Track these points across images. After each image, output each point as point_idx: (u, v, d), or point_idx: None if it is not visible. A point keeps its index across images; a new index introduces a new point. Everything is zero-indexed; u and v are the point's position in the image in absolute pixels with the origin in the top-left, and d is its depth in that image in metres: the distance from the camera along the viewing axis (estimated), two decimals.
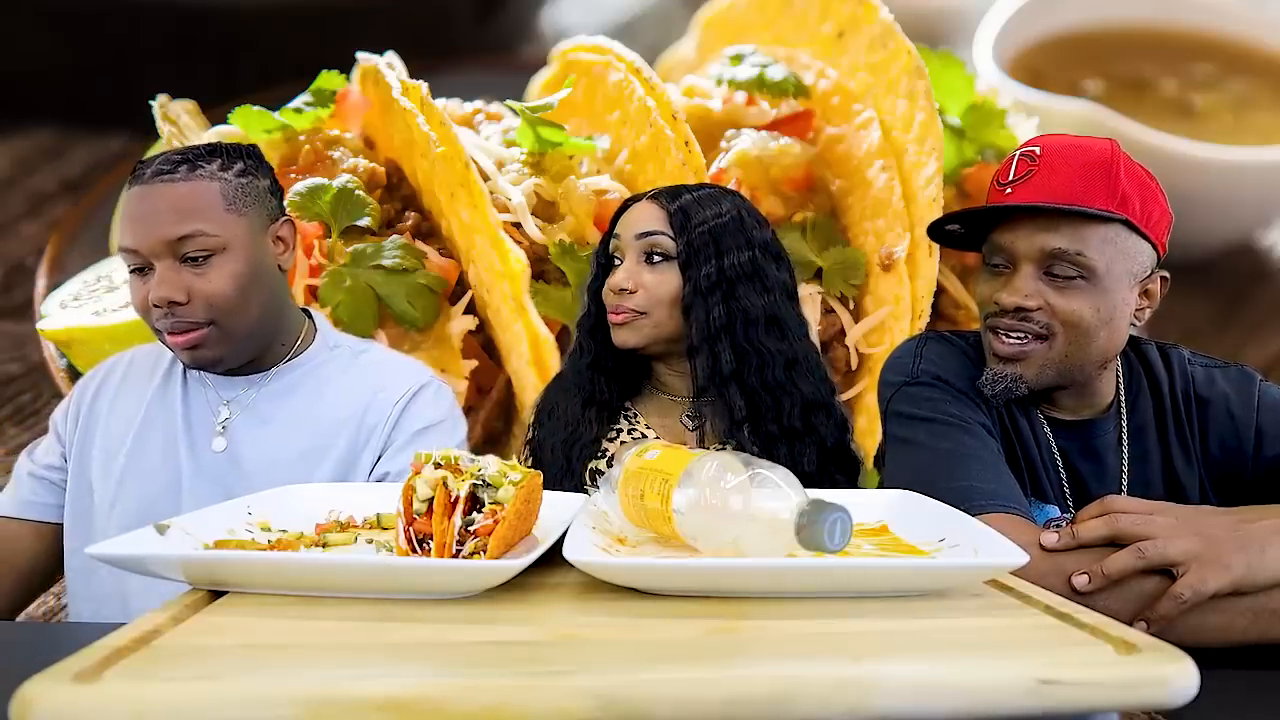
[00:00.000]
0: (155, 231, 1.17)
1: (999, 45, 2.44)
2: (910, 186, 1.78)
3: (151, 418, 1.26)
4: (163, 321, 1.18)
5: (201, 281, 1.18)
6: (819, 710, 0.58)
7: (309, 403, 1.26)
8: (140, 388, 1.30)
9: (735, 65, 1.96)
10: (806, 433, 1.29)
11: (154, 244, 1.17)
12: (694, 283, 1.28)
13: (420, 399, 1.27)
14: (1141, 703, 0.61)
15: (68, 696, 0.55)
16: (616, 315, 1.30)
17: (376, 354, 1.37)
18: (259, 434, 1.24)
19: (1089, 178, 1.10)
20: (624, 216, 1.34)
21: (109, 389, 1.31)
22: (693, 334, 1.28)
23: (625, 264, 1.31)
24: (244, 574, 0.77)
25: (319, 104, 1.82)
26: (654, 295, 1.29)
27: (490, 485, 0.82)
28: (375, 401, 1.26)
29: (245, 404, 1.26)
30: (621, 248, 1.32)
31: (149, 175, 1.19)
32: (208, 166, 1.21)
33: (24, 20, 2.55)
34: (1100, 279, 1.10)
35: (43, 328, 1.81)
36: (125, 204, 1.21)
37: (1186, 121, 2.43)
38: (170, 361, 1.30)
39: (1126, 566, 0.94)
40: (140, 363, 1.33)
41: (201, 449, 1.24)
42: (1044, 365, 1.13)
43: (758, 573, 0.77)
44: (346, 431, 1.24)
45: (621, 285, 1.29)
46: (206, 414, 1.26)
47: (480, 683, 0.59)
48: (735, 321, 1.27)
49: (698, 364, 1.29)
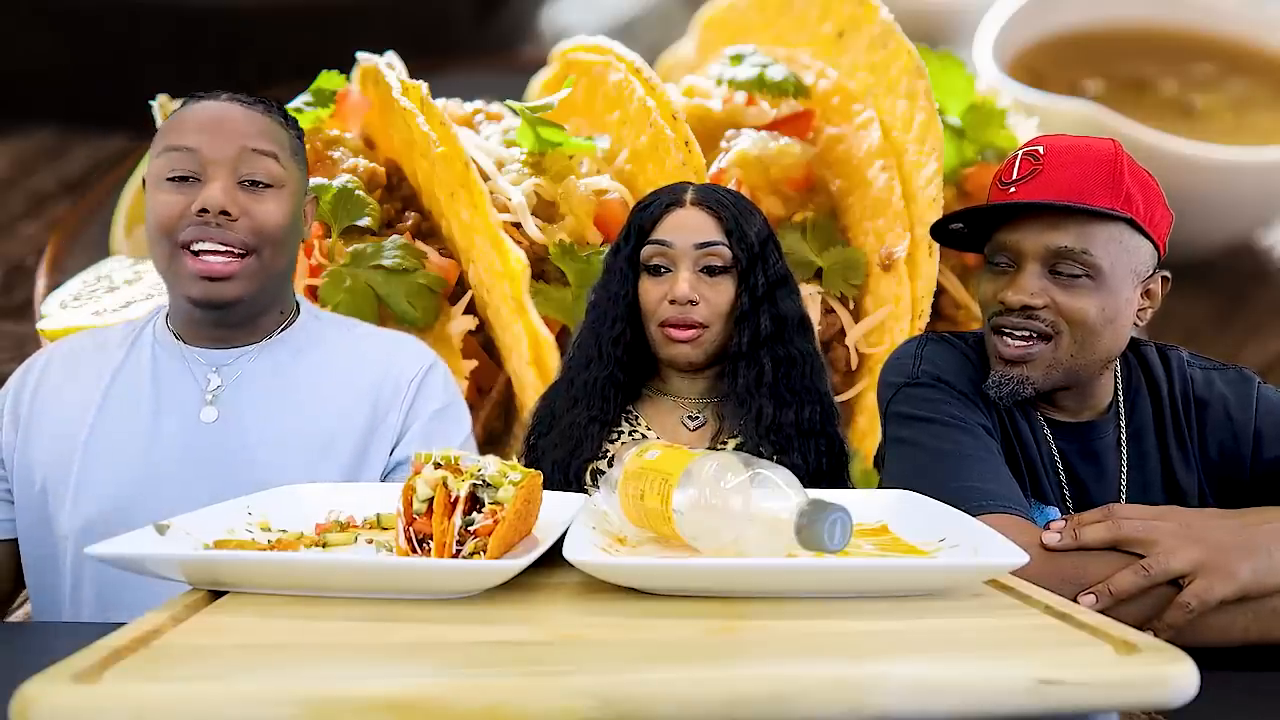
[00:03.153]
0: (228, 139, 1.13)
1: (999, 45, 2.45)
2: (910, 186, 1.78)
3: (117, 396, 1.18)
4: (200, 233, 1.11)
5: (257, 205, 1.14)
6: (819, 710, 0.58)
7: (314, 373, 1.22)
8: (91, 369, 1.21)
9: (735, 65, 1.96)
10: (820, 433, 1.30)
11: (223, 150, 1.12)
12: (750, 293, 1.27)
13: (432, 378, 1.26)
14: (1141, 703, 0.61)
15: (68, 696, 0.55)
16: (682, 331, 1.27)
17: (368, 328, 1.34)
18: (261, 404, 1.18)
19: (1093, 177, 1.10)
20: (670, 222, 1.30)
21: (50, 380, 1.22)
22: (742, 343, 1.28)
23: (684, 274, 1.27)
24: (244, 574, 0.77)
25: (319, 104, 1.82)
26: (714, 307, 1.27)
27: (490, 485, 0.82)
28: (388, 377, 1.23)
29: (239, 372, 1.20)
30: (674, 257, 1.28)
31: (222, 96, 1.17)
32: (277, 115, 1.20)
33: (24, 20, 2.55)
34: (1105, 278, 1.10)
35: (43, 328, 1.81)
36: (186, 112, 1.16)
37: (1186, 121, 2.43)
38: (128, 337, 1.23)
39: (1133, 586, 0.93)
40: (81, 348, 1.25)
41: (187, 421, 1.16)
42: (1050, 366, 1.13)
43: (758, 573, 0.77)
44: (363, 408, 1.21)
45: (689, 296, 1.26)
46: (188, 384, 1.19)
47: (480, 683, 0.58)
48: (778, 329, 1.28)
49: (739, 371, 1.28)
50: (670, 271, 1.28)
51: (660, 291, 1.28)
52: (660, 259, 1.29)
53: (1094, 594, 0.94)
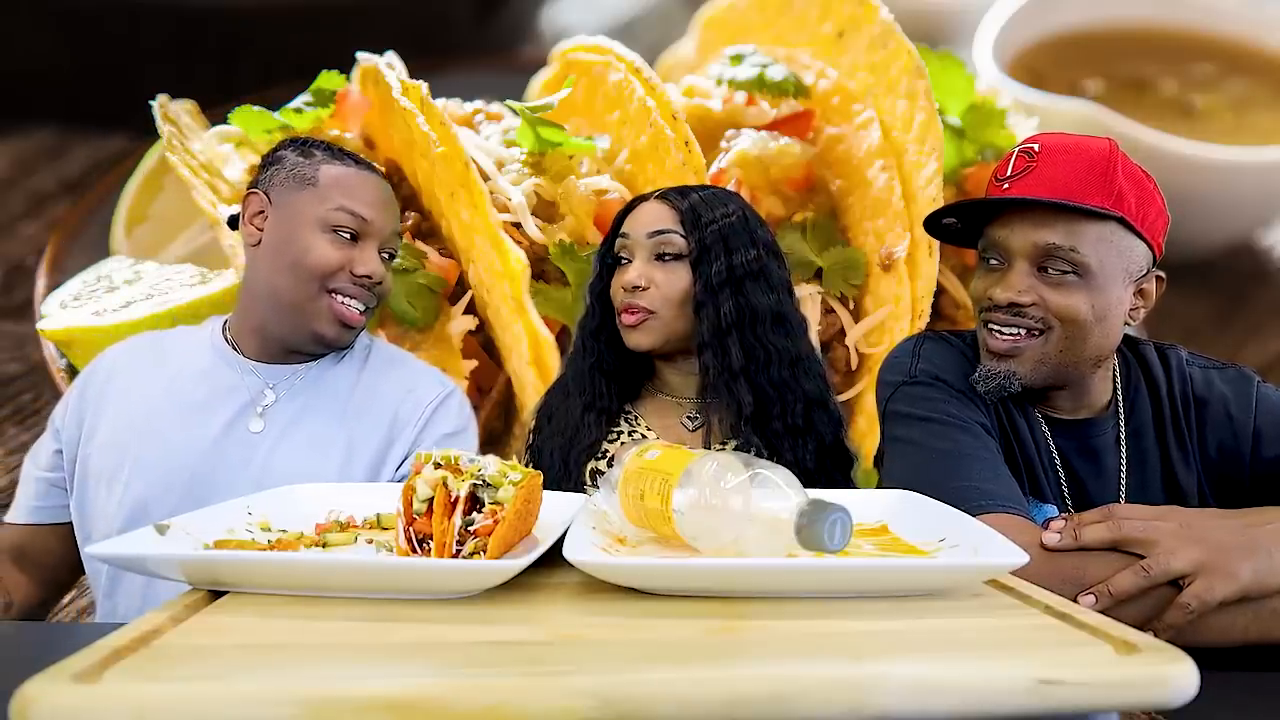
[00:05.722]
0: (389, 220, 1.33)
1: (999, 45, 2.44)
2: (910, 186, 1.78)
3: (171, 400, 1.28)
4: (355, 291, 1.29)
5: (388, 275, 1.34)
6: (819, 710, 0.58)
7: (346, 396, 1.31)
8: (149, 371, 1.32)
9: (735, 65, 1.96)
10: (807, 430, 1.30)
11: (383, 227, 1.31)
12: (705, 280, 1.28)
13: (448, 405, 1.34)
14: (1141, 703, 0.61)
15: (68, 696, 0.55)
16: (629, 316, 1.30)
17: (405, 357, 1.44)
18: (300, 421, 1.28)
19: (1085, 175, 1.10)
20: (632, 216, 1.35)
21: (115, 380, 1.32)
22: (704, 331, 1.29)
23: (636, 262, 1.31)
24: (244, 574, 0.77)
25: (319, 104, 1.82)
26: (665, 293, 1.29)
27: (490, 485, 0.82)
28: (407, 401, 1.32)
29: (289, 389, 1.30)
30: (630, 246, 1.32)
31: (378, 172, 1.36)
32: None
33: (24, 20, 2.55)
34: (1094, 276, 1.10)
35: (43, 328, 1.81)
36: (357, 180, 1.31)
37: (1186, 121, 2.43)
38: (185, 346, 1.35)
39: (1133, 587, 0.93)
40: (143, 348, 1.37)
41: (239, 430, 1.26)
42: (1038, 361, 1.13)
43: (758, 573, 0.77)
44: (380, 428, 1.29)
45: (634, 283, 1.29)
46: (243, 395, 1.28)
47: (480, 683, 0.59)
48: (745, 318, 1.28)
49: (707, 360, 1.29)
50: (630, 261, 1.32)
51: (619, 281, 1.33)
52: (623, 250, 1.34)
53: (1094, 594, 0.94)
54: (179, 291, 1.77)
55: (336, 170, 1.31)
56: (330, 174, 1.31)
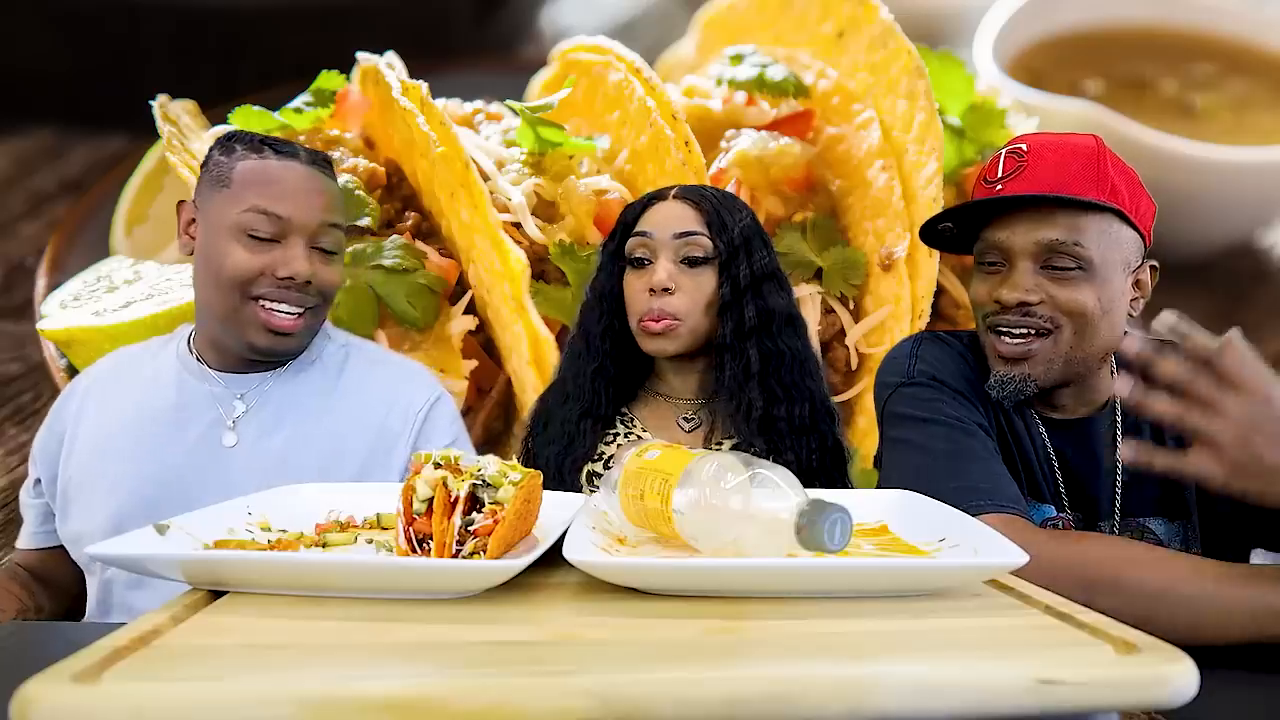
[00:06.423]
0: (312, 212, 1.22)
1: (999, 45, 2.44)
2: (910, 186, 1.78)
3: (141, 416, 1.26)
4: (279, 295, 1.21)
5: (325, 269, 1.24)
6: (819, 710, 0.58)
7: (322, 402, 1.28)
8: (130, 386, 1.30)
9: (735, 65, 1.96)
10: (813, 429, 1.30)
11: (306, 221, 1.22)
12: (733, 283, 1.27)
13: (438, 411, 1.31)
14: (1141, 703, 0.61)
15: (68, 696, 0.55)
16: (656, 322, 1.27)
17: (384, 355, 1.40)
18: (274, 432, 1.25)
19: (1078, 170, 1.10)
20: (651, 214, 1.32)
21: (90, 398, 1.30)
22: (726, 333, 1.28)
23: (662, 263, 1.28)
24: (244, 574, 0.77)
25: (319, 104, 1.82)
26: (693, 298, 1.28)
27: (490, 485, 0.82)
28: (395, 407, 1.28)
29: (259, 399, 1.26)
30: (653, 246, 1.29)
31: (303, 158, 1.25)
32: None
33: (24, 20, 2.55)
34: (1097, 269, 1.11)
35: (43, 328, 1.81)
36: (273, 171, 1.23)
37: (1186, 121, 2.42)
38: (155, 356, 1.32)
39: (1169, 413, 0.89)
40: (116, 366, 1.35)
41: (211, 444, 1.23)
42: (1051, 361, 1.13)
43: (758, 573, 0.77)
44: (366, 435, 1.26)
45: (665, 284, 1.26)
46: (211, 409, 1.25)
47: (480, 683, 0.59)
48: (764, 321, 1.28)
49: (725, 363, 1.28)
50: (651, 263, 1.29)
51: (641, 283, 1.29)
52: (642, 250, 1.30)
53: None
54: (179, 291, 1.77)
55: (251, 165, 1.23)
56: (244, 171, 1.22)
